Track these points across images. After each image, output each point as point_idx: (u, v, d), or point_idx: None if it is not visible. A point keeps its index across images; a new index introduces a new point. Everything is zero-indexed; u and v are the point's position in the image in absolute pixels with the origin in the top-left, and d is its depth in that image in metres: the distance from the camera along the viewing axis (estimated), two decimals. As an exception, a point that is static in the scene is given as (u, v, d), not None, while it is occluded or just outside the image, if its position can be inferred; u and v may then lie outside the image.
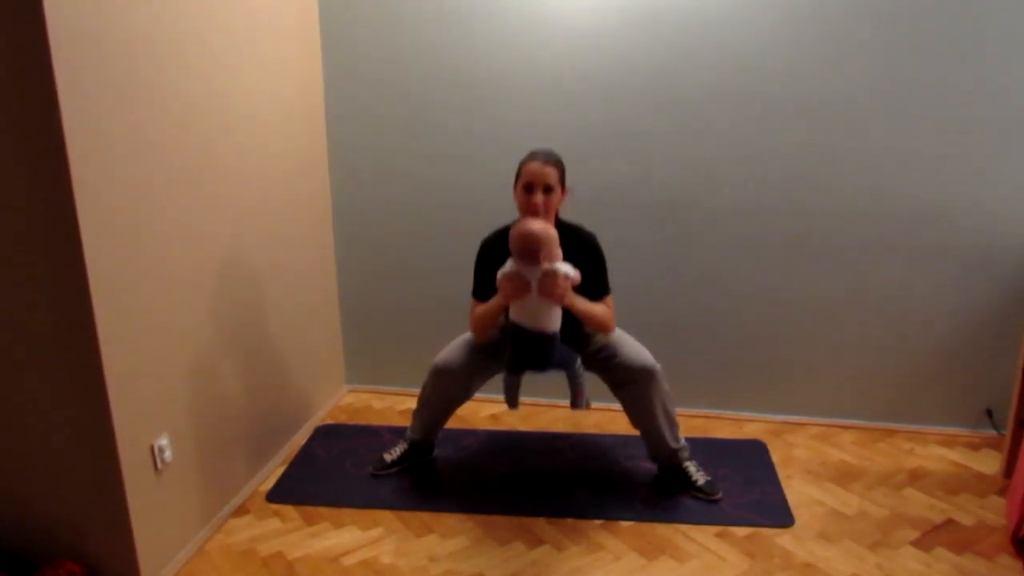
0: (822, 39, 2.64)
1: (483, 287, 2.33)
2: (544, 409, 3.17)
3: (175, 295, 2.10)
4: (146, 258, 1.97)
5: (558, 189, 2.23)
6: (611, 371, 2.40)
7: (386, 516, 2.41)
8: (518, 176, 2.26)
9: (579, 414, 3.11)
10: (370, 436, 2.92)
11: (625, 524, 2.36)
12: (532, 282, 2.12)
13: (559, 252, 2.14)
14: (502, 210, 2.40)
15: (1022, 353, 2.52)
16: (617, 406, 3.02)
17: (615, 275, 2.39)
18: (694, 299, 2.98)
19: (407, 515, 2.41)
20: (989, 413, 2.90)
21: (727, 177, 2.83)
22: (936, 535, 2.30)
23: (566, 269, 2.13)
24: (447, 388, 2.49)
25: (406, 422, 2.82)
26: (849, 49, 2.64)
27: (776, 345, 2.98)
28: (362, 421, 3.08)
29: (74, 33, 1.68)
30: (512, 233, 2.15)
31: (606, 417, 3.07)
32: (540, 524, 2.37)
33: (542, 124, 2.86)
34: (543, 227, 2.13)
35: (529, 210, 2.20)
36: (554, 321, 2.19)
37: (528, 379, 3.17)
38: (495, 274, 2.21)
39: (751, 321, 2.97)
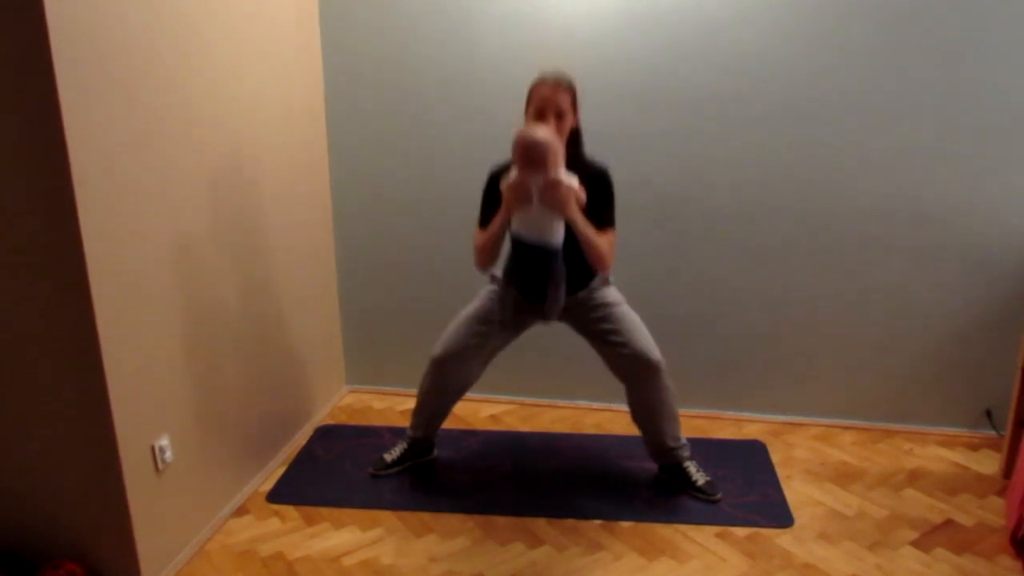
0: (822, 39, 2.64)
1: (489, 215, 2.26)
2: (544, 409, 3.17)
3: (175, 295, 2.10)
4: (146, 258, 1.97)
5: (570, 114, 2.17)
6: (618, 359, 2.39)
7: (386, 516, 2.41)
8: (529, 100, 2.19)
9: (579, 414, 3.11)
10: (370, 436, 2.92)
11: (625, 524, 2.36)
12: (534, 191, 2.06)
13: (562, 163, 2.08)
14: (502, 210, 2.39)
15: (1022, 353, 2.53)
16: (617, 406, 3.03)
17: (616, 275, 2.39)
18: (694, 299, 2.99)
19: (407, 515, 2.41)
20: (989, 414, 2.90)
21: (727, 177, 2.83)
22: (936, 536, 2.30)
23: (570, 180, 2.08)
24: (450, 377, 2.47)
25: (406, 422, 2.82)
26: (849, 49, 2.64)
27: (776, 345, 2.99)
28: (362, 421, 3.08)
29: (74, 33, 1.68)
30: (516, 139, 2.06)
31: (606, 417, 3.07)
32: (540, 524, 2.37)
33: (542, 124, 2.86)
34: (547, 133, 2.05)
35: None
36: (557, 234, 2.13)
37: (529, 379, 3.18)
38: (499, 204, 2.16)
39: (751, 321, 2.97)
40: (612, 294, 2.40)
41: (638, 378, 2.38)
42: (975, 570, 2.14)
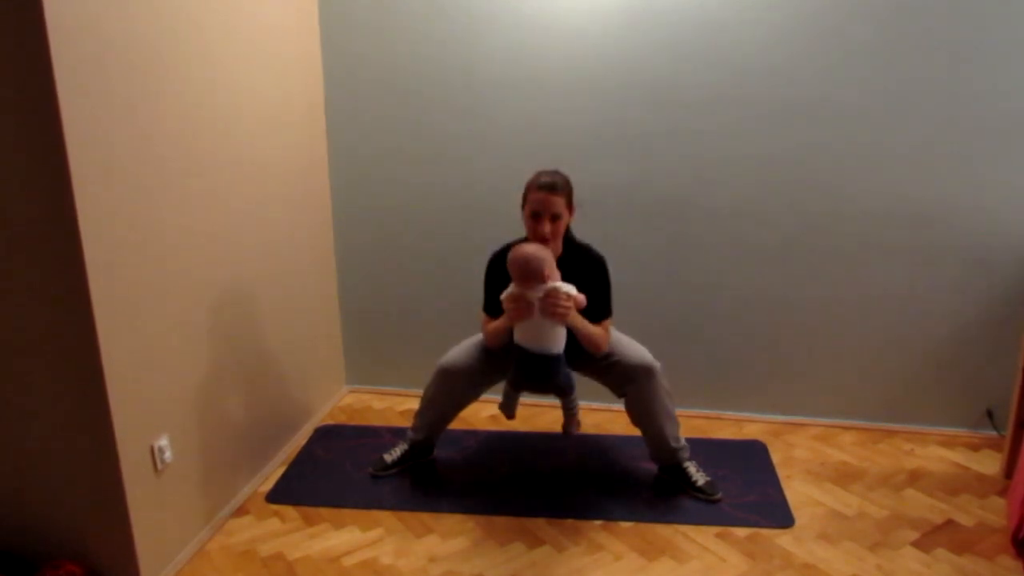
0: (822, 40, 2.64)
1: (493, 302, 2.33)
2: (544, 409, 3.17)
3: (175, 295, 2.10)
4: (146, 258, 1.97)
5: (565, 214, 2.25)
6: (611, 374, 2.40)
7: (386, 517, 2.41)
8: (525, 200, 2.27)
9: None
10: (370, 437, 2.91)
11: (625, 525, 2.36)
12: (535, 303, 2.13)
13: (556, 271, 2.16)
14: (502, 210, 2.40)
15: (1022, 353, 2.52)
16: (617, 406, 3.02)
17: (615, 275, 2.39)
18: (694, 299, 2.98)
19: (407, 516, 2.41)
20: (989, 414, 2.90)
21: (727, 178, 2.83)
22: (936, 536, 2.30)
23: (568, 288, 2.14)
24: (454, 389, 2.49)
25: (406, 423, 2.82)
26: (849, 50, 2.64)
27: (776, 345, 2.98)
28: (362, 422, 3.08)
29: (74, 34, 1.68)
30: (508, 261, 2.17)
31: (606, 417, 3.07)
32: (540, 525, 2.37)
33: (542, 125, 2.86)
34: (536, 250, 2.14)
35: (537, 238, 2.23)
36: (558, 342, 2.19)
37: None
38: (503, 288, 2.22)
39: (751, 321, 2.97)
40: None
41: (634, 384, 2.38)
42: (976, 570, 2.14)
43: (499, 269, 2.30)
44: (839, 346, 2.94)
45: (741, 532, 2.31)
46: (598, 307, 2.30)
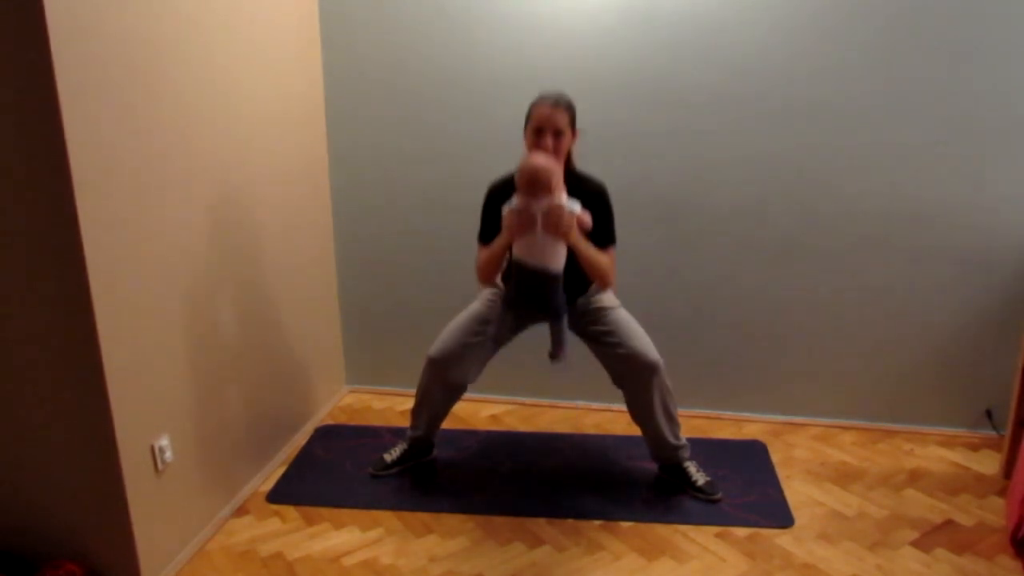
0: (822, 39, 2.64)
1: (489, 231, 2.30)
2: (544, 409, 3.17)
3: (175, 295, 2.10)
4: (146, 258, 1.97)
5: (568, 133, 2.21)
6: (614, 360, 2.39)
7: (386, 516, 2.41)
8: (528, 118, 2.23)
9: (579, 414, 3.11)
10: (370, 437, 2.92)
11: (625, 525, 2.36)
12: (537, 217, 2.08)
13: (563, 188, 2.12)
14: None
15: (1022, 353, 2.53)
16: (617, 406, 3.02)
17: (616, 275, 2.39)
18: (694, 299, 2.98)
19: (407, 515, 2.41)
20: (989, 414, 2.90)
21: (727, 177, 2.83)
22: (936, 536, 2.30)
23: (572, 205, 2.10)
24: (447, 376, 2.47)
25: (406, 422, 2.82)
26: (849, 49, 2.64)
27: (776, 345, 2.98)
28: (362, 422, 3.08)
29: (74, 33, 1.68)
30: (519, 167, 2.12)
31: (606, 417, 3.07)
32: (540, 525, 2.37)
33: (542, 124, 2.86)
34: (546, 159, 2.10)
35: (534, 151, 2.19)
36: (558, 260, 2.15)
37: (529, 380, 3.18)
38: (500, 218, 2.19)
39: (751, 321, 2.97)
40: (608, 298, 2.43)
41: (636, 378, 2.38)
42: (975, 570, 2.14)
43: (497, 198, 2.26)
44: (839, 346, 2.94)
45: (741, 532, 2.31)
46: (602, 235, 2.26)
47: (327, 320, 3.16)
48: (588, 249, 2.20)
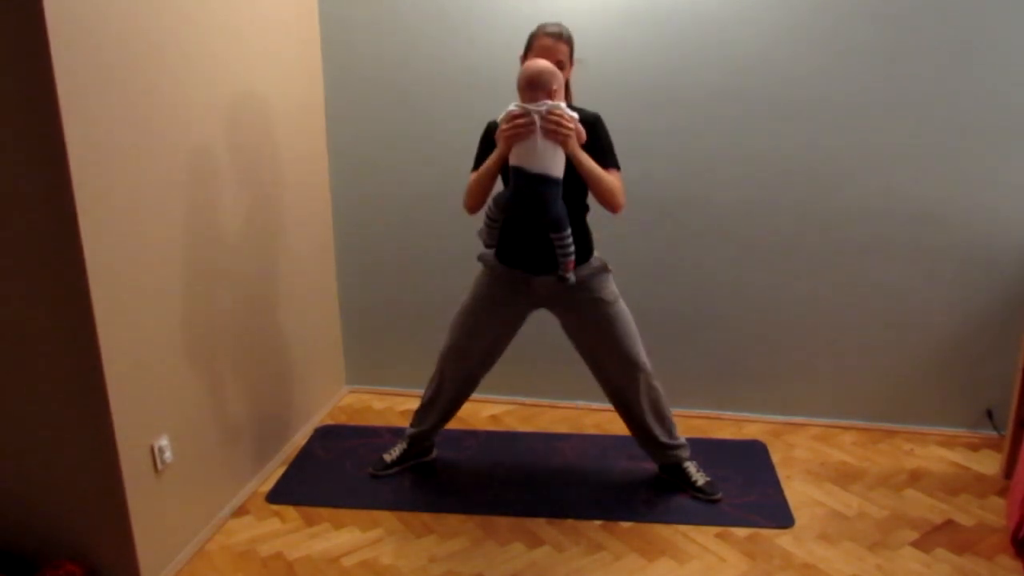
0: (822, 39, 2.64)
1: (482, 158, 2.26)
2: (544, 409, 3.17)
3: (175, 295, 2.10)
4: (146, 258, 1.97)
5: (568, 65, 2.21)
6: (600, 356, 2.38)
7: (386, 517, 2.41)
8: (528, 49, 2.22)
9: (579, 414, 3.11)
10: (370, 436, 2.91)
11: (625, 525, 2.36)
12: (536, 120, 2.04)
13: (563, 96, 2.11)
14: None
15: (1022, 353, 2.52)
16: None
17: (615, 275, 2.39)
18: (694, 299, 2.98)
19: (407, 516, 2.41)
20: (989, 414, 2.90)
21: (727, 177, 2.83)
22: (936, 536, 2.30)
23: (571, 112, 2.08)
24: (462, 366, 2.46)
25: (406, 422, 2.82)
26: (849, 49, 2.64)
27: (776, 345, 2.98)
28: (362, 422, 3.08)
29: (74, 33, 1.68)
30: (523, 67, 2.10)
31: (606, 417, 3.07)
32: (540, 525, 2.37)
33: (542, 124, 2.86)
34: (548, 63, 2.09)
35: None
36: (559, 166, 2.11)
37: (529, 379, 3.18)
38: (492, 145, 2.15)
39: (751, 321, 2.97)
40: (610, 289, 2.36)
41: (621, 377, 2.38)
42: (975, 570, 2.14)
43: (493, 133, 2.20)
44: (839, 346, 2.94)
45: (741, 532, 2.31)
46: (603, 158, 2.22)
47: (327, 320, 3.16)
48: (590, 162, 2.14)
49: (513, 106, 2.09)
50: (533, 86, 2.07)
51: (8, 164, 1.71)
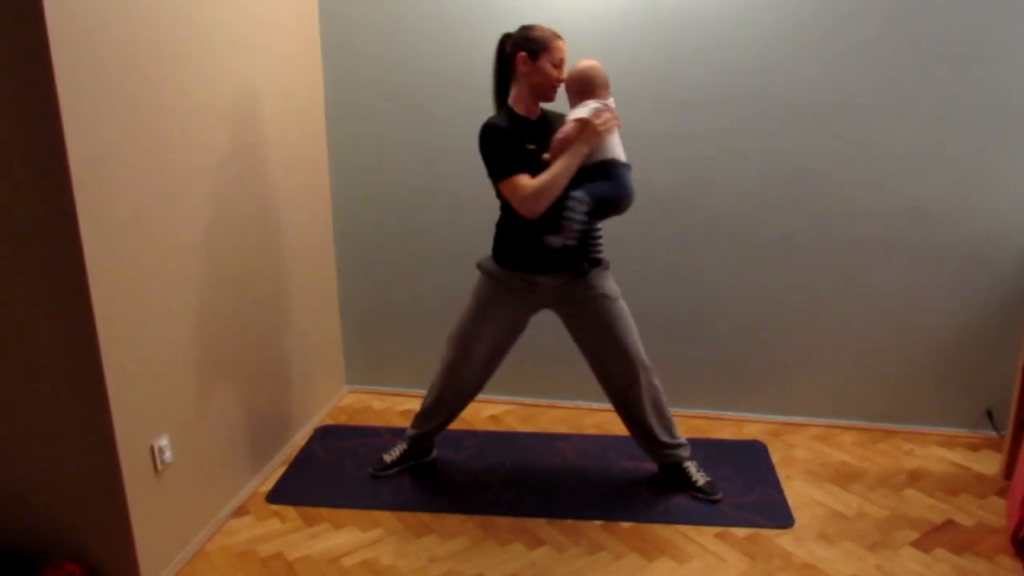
0: (822, 39, 2.64)
1: (518, 160, 2.18)
2: (544, 409, 3.17)
3: (175, 295, 2.10)
4: (146, 258, 1.97)
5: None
6: (602, 353, 2.38)
7: (386, 517, 2.41)
8: (543, 48, 2.21)
9: (579, 414, 3.11)
10: (370, 437, 2.91)
11: (625, 525, 2.36)
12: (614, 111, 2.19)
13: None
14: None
15: (1022, 354, 2.53)
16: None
17: (615, 275, 2.39)
18: (693, 299, 2.99)
19: (407, 516, 2.41)
20: (989, 414, 2.90)
21: (726, 177, 2.83)
22: (936, 536, 2.30)
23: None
24: (465, 375, 2.46)
25: (406, 422, 2.82)
26: (849, 49, 2.64)
27: (776, 345, 2.98)
28: (362, 422, 3.08)
29: (74, 33, 1.68)
30: (589, 68, 2.23)
31: (606, 417, 3.07)
32: (540, 525, 2.37)
33: (542, 124, 2.86)
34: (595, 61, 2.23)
35: (554, 85, 2.24)
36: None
37: (529, 379, 3.18)
38: (523, 145, 2.19)
39: (751, 321, 2.97)
40: (612, 286, 2.37)
41: (624, 377, 2.38)
42: (975, 570, 2.14)
43: (509, 129, 2.19)
44: (839, 346, 2.94)
45: (741, 532, 2.31)
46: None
47: (327, 320, 3.16)
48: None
49: (595, 103, 2.18)
50: (604, 84, 2.23)
51: (8, 164, 1.71)
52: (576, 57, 2.81)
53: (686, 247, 2.93)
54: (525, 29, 2.24)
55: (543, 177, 2.15)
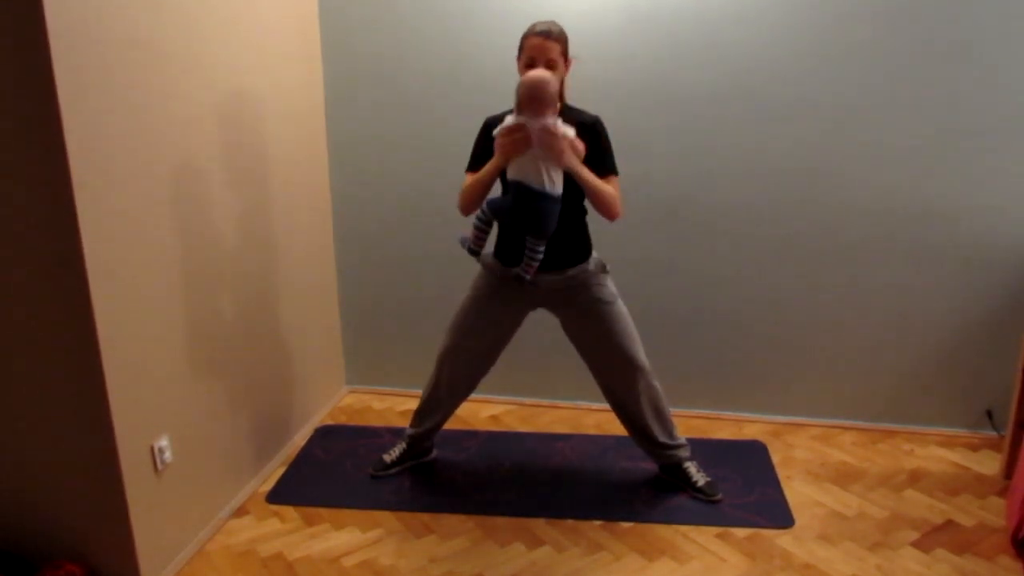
0: (822, 38, 2.64)
1: (478, 160, 2.24)
2: (544, 409, 3.17)
3: (175, 295, 2.10)
4: (146, 258, 1.97)
5: (561, 63, 2.16)
6: (600, 356, 2.39)
7: (386, 517, 2.41)
8: (521, 50, 2.19)
9: (579, 414, 3.11)
10: (370, 437, 2.91)
11: (625, 525, 2.36)
12: (533, 135, 2.03)
13: (556, 110, 2.09)
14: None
15: (1022, 354, 2.52)
16: (617, 407, 3.01)
17: (615, 275, 2.39)
18: (694, 299, 2.98)
19: (407, 516, 2.41)
20: (989, 414, 2.90)
21: (726, 177, 2.83)
22: (936, 536, 2.30)
23: (566, 130, 2.06)
24: (461, 367, 2.46)
25: (406, 422, 2.81)
26: (849, 49, 2.64)
27: (776, 345, 2.98)
28: (362, 422, 3.08)
29: (74, 33, 1.68)
30: (521, 80, 2.07)
31: (606, 417, 3.07)
32: (540, 525, 2.36)
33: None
34: (545, 72, 2.05)
35: None
36: (558, 183, 2.11)
37: (529, 379, 3.18)
38: (492, 148, 2.13)
39: (751, 321, 2.97)
40: (609, 289, 2.36)
41: (621, 378, 2.38)
42: (975, 571, 2.14)
43: (490, 132, 2.18)
44: (839, 346, 2.94)
45: (741, 532, 2.31)
46: (600, 165, 2.21)
47: (327, 320, 3.16)
48: (589, 175, 2.14)
49: (510, 120, 2.08)
50: (531, 99, 2.04)
51: (8, 164, 1.71)
52: (576, 57, 2.80)
53: (686, 246, 2.93)
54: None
55: (467, 180, 2.25)
